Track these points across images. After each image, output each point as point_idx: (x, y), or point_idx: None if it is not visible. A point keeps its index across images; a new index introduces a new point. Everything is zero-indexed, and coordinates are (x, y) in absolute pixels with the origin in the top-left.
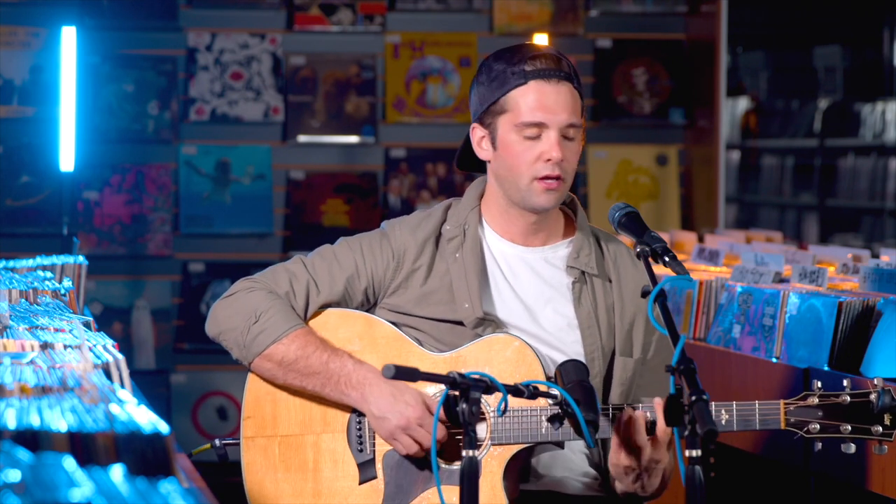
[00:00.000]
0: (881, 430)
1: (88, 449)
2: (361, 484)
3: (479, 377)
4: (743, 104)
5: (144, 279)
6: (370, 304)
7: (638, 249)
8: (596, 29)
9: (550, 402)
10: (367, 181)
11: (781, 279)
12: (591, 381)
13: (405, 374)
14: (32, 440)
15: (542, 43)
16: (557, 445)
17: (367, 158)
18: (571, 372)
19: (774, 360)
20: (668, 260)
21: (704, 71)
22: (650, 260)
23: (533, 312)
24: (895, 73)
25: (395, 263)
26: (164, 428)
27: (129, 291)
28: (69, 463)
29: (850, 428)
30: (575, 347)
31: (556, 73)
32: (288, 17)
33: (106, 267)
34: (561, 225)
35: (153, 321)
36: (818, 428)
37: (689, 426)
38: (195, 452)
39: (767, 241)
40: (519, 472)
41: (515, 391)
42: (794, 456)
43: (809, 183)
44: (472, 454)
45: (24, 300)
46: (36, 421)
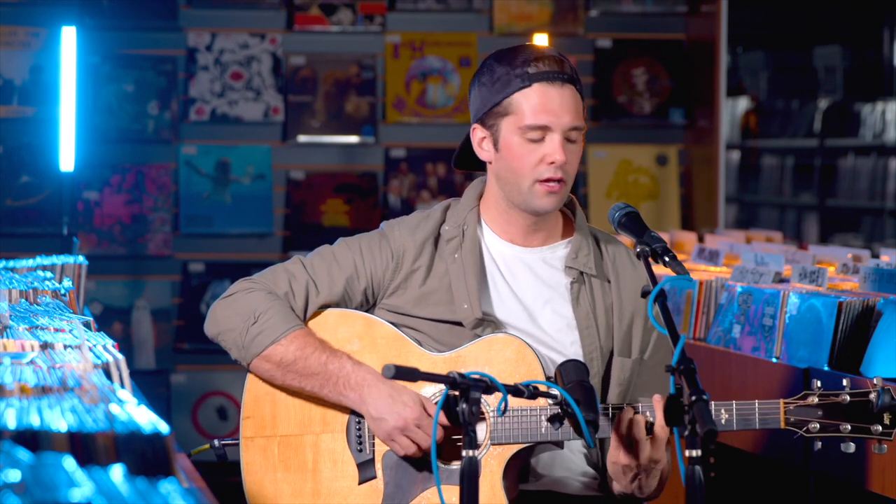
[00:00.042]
0: (881, 429)
1: (88, 449)
2: (361, 484)
3: (479, 377)
4: (743, 104)
5: (144, 279)
6: (369, 304)
7: (638, 249)
8: (596, 29)
9: (550, 402)
10: (367, 181)
11: (781, 279)
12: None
13: (405, 374)
14: (32, 440)
15: (542, 43)
16: (557, 445)
17: (367, 158)
18: (571, 372)
19: (774, 360)
20: (668, 260)
21: (704, 71)
22: (650, 260)
23: (531, 313)
24: (895, 73)
25: (394, 264)
26: (164, 428)
27: (129, 291)
28: (69, 463)
29: (849, 427)
30: (573, 348)
31: (559, 75)
32: (288, 17)
33: (106, 267)
34: (560, 225)
35: (153, 321)
36: (818, 427)
37: (689, 426)
38: (194, 453)
39: (767, 241)
40: (518, 471)
41: (515, 391)
42: (794, 456)
43: (809, 183)
44: (472, 454)
45: (24, 300)
46: (36, 421)
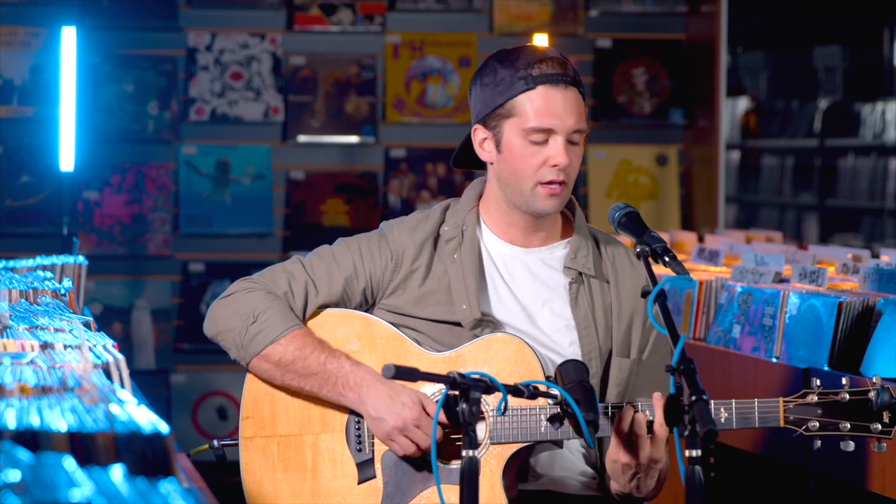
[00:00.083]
0: (880, 427)
1: (88, 449)
2: (360, 484)
3: (479, 377)
4: (743, 104)
5: (144, 279)
6: (368, 304)
7: (638, 249)
8: (596, 29)
9: (550, 402)
10: (367, 181)
11: (781, 279)
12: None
13: (405, 373)
14: (32, 440)
15: (542, 44)
16: (556, 445)
17: (367, 158)
18: (571, 372)
19: (774, 360)
20: (668, 260)
21: (704, 71)
22: (650, 260)
23: (530, 313)
24: (895, 73)
25: (393, 264)
26: (164, 428)
27: (129, 291)
28: (69, 463)
29: (849, 426)
30: (572, 348)
31: (563, 77)
32: (288, 17)
33: (106, 267)
34: (559, 226)
35: (153, 321)
36: (817, 426)
37: (689, 426)
38: (193, 453)
39: (767, 241)
40: (518, 471)
41: (515, 391)
42: (794, 456)
43: (809, 183)
44: (472, 454)
45: (24, 300)
46: (36, 421)
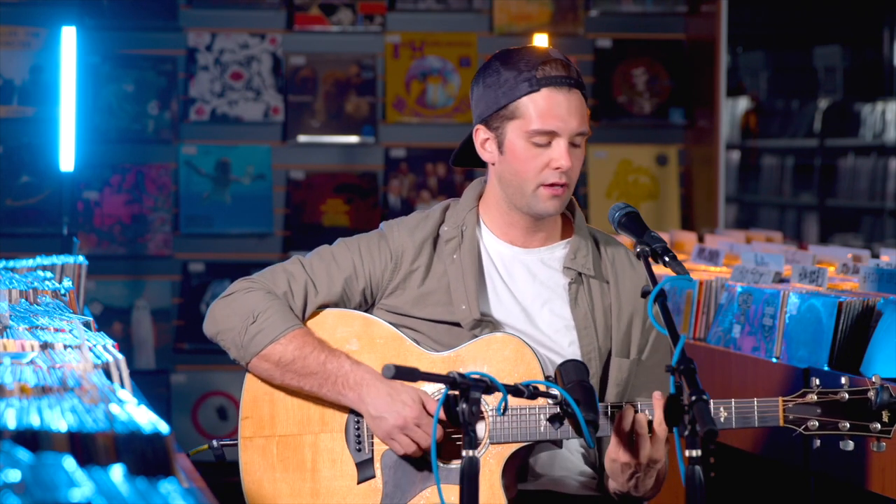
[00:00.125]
0: (879, 427)
1: (88, 449)
2: (360, 483)
3: (479, 377)
4: (743, 104)
5: (144, 279)
6: (368, 304)
7: (638, 249)
8: (596, 29)
9: (550, 402)
10: (367, 181)
11: (781, 279)
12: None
13: (405, 373)
14: (32, 440)
15: (542, 44)
16: (556, 444)
17: (367, 158)
18: (571, 372)
19: (774, 360)
20: (668, 260)
21: (704, 71)
22: (650, 260)
23: (529, 314)
24: (895, 73)
25: (392, 264)
26: (164, 428)
27: (129, 291)
28: (69, 463)
29: (848, 425)
30: (571, 348)
31: (567, 80)
32: (288, 17)
33: (106, 267)
34: (559, 226)
35: (153, 321)
36: (817, 425)
37: (688, 426)
38: (192, 453)
39: (767, 241)
40: (517, 470)
41: (515, 391)
42: (793, 456)
43: (809, 183)
44: (472, 454)
45: (24, 300)
46: (36, 421)
